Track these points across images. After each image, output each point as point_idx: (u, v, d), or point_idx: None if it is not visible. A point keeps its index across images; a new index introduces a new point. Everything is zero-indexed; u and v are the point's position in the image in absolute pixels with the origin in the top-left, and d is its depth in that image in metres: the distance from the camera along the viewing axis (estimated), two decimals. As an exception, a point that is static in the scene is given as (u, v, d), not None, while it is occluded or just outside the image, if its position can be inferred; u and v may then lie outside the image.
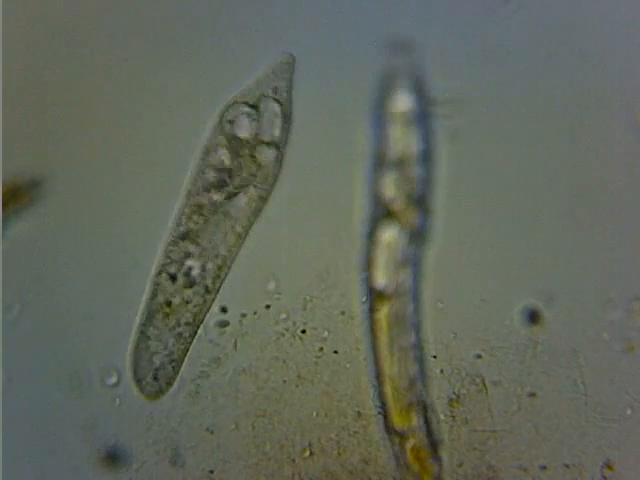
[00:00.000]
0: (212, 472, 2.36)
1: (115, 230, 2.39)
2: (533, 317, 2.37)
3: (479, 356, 2.35)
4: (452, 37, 2.39)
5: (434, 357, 2.37)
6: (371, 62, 2.37)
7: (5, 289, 2.35)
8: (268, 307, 2.37)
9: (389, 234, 2.36)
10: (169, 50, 2.41)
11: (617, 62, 2.38)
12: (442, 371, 2.35)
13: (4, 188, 2.36)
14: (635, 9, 2.37)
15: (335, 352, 2.37)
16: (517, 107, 2.38)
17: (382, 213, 2.37)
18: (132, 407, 2.36)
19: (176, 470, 2.36)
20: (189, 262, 2.36)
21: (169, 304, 2.35)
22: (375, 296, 2.37)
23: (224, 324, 2.37)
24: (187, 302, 2.35)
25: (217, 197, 2.36)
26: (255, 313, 2.38)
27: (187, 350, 2.36)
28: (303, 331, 2.38)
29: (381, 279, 2.36)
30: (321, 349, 2.37)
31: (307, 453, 2.35)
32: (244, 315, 2.37)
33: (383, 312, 2.36)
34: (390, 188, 2.36)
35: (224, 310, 2.38)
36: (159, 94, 2.40)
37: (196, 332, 2.36)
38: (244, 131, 2.37)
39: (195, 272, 2.36)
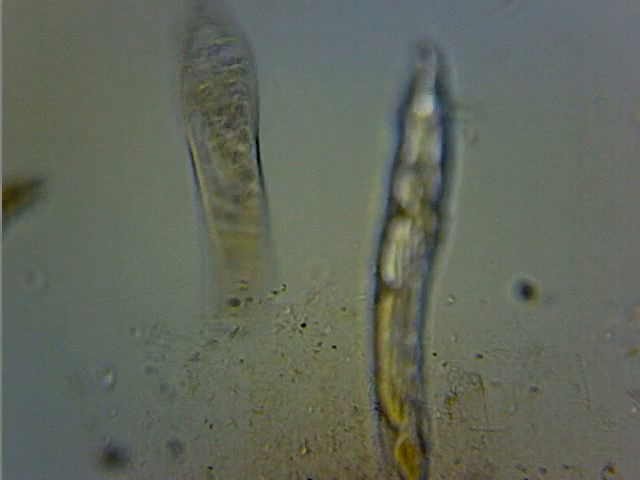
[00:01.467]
0: (211, 468, 2.38)
1: (115, 230, 2.40)
2: (526, 292, 2.37)
3: (480, 356, 2.36)
4: (452, 37, 2.37)
5: (434, 354, 2.37)
6: (388, 64, 2.38)
7: (5, 289, 2.37)
8: (275, 293, 2.39)
9: (401, 232, 2.36)
10: (170, 48, 2.41)
11: (617, 62, 2.36)
12: (445, 364, 2.36)
13: (4, 188, 2.37)
14: (635, 9, 2.35)
15: (334, 347, 2.38)
16: (516, 107, 2.37)
17: (395, 212, 2.37)
18: (132, 407, 2.39)
19: (175, 467, 2.38)
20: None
21: None
22: (381, 288, 2.37)
23: (235, 303, 2.39)
24: None
25: None
26: (260, 302, 2.39)
27: None
28: (303, 325, 2.39)
29: (390, 272, 2.36)
30: (320, 344, 2.39)
31: (304, 450, 2.36)
32: (250, 299, 2.39)
33: (386, 305, 2.36)
34: (406, 191, 2.36)
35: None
36: (160, 93, 2.41)
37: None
38: None
39: None
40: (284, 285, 2.39)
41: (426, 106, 2.37)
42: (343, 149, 2.40)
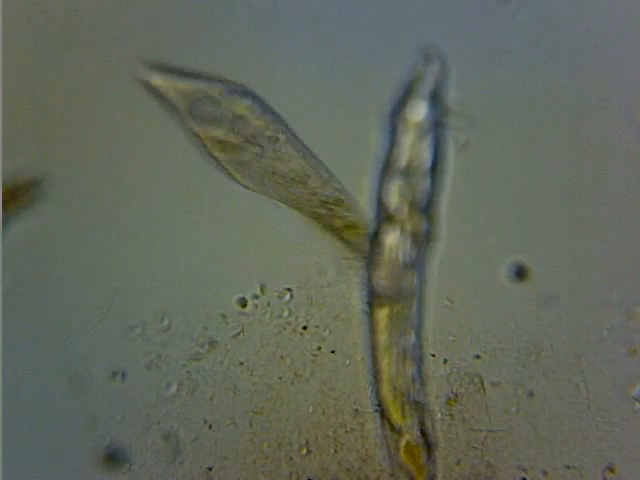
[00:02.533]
0: (210, 469, 2.38)
1: (115, 230, 2.40)
2: (520, 273, 2.36)
3: (478, 357, 2.36)
4: (451, 37, 2.38)
5: (433, 355, 2.37)
6: (383, 67, 2.38)
7: (5, 289, 2.37)
8: (278, 296, 2.39)
9: (392, 238, 2.36)
10: (170, 48, 2.41)
11: (617, 62, 2.37)
12: (445, 361, 2.36)
13: (4, 188, 2.37)
14: (635, 9, 2.36)
15: (332, 352, 2.38)
16: (516, 107, 2.38)
17: (384, 217, 2.37)
18: (132, 406, 2.39)
19: (175, 467, 2.38)
20: None
21: None
22: (376, 296, 2.37)
23: (243, 303, 2.39)
24: None
25: None
26: (269, 304, 2.39)
27: None
28: (304, 327, 2.39)
29: (383, 280, 2.36)
30: (319, 348, 2.38)
31: (304, 451, 2.36)
32: (256, 296, 2.39)
33: (383, 310, 2.36)
34: (394, 196, 2.36)
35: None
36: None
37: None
38: None
39: None
40: (288, 289, 2.39)
41: (420, 111, 2.37)
42: (337, 151, 2.40)
